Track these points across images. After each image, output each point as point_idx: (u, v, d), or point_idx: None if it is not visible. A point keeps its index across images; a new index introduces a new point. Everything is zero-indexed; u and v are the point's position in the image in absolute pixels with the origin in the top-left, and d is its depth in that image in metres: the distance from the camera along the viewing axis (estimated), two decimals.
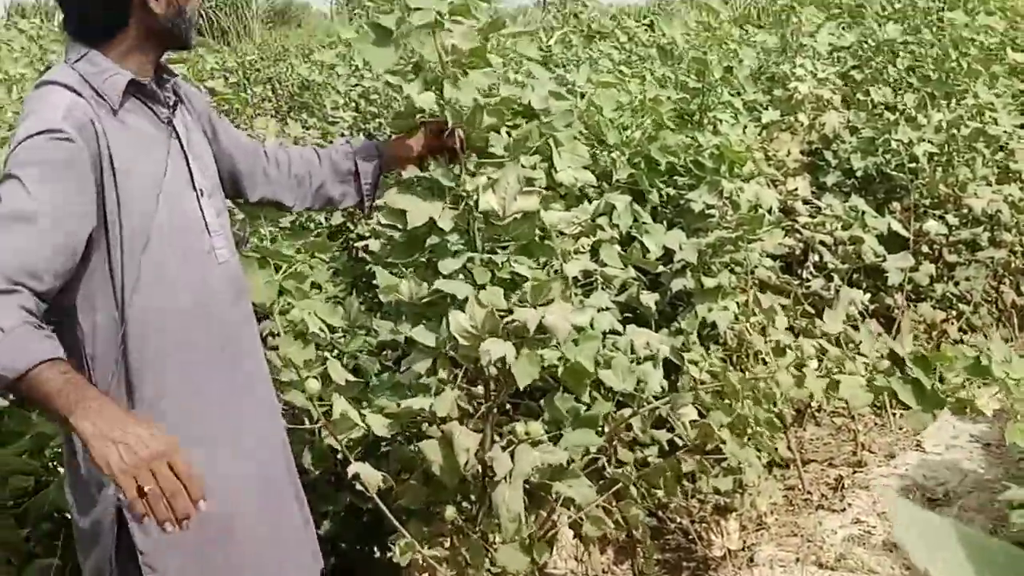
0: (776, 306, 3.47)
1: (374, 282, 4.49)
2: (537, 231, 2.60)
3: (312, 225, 5.59)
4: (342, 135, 6.18)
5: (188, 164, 2.10)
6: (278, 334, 3.08)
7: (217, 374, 2.10)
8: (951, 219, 4.67)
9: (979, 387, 2.82)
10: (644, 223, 3.50)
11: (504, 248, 2.57)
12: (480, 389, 2.83)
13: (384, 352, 3.57)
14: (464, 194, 2.49)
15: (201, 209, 2.10)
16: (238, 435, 2.15)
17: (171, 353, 2.01)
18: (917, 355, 2.78)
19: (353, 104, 6.58)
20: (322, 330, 3.13)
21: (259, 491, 2.19)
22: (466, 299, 2.43)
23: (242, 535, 2.13)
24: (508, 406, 3.16)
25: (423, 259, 2.60)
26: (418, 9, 2.37)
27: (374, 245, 4.96)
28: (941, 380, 2.80)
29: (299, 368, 2.67)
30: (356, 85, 6.71)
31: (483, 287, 2.46)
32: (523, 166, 2.58)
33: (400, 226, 2.50)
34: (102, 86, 1.95)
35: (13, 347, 1.64)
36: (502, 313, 2.40)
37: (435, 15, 2.37)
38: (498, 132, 2.59)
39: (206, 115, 2.32)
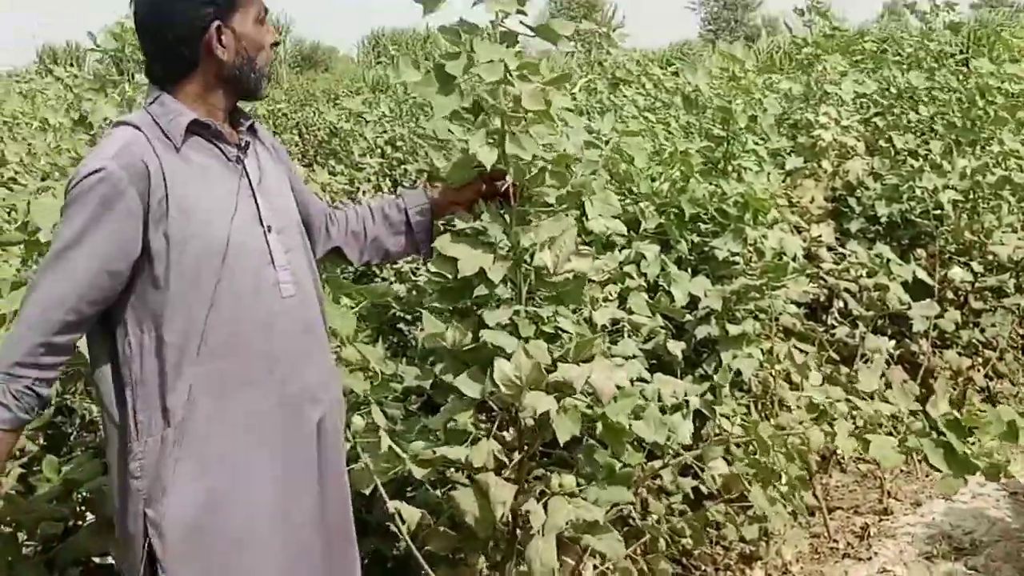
0: (809, 362, 3.48)
1: (399, 327, 4.53)
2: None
3: (339, 270, 5.66)
4: (368, 180, 6.28)
5: (256, 201, 2.19)
6: None
7: (259, 399, 2.15)
8: (976, 266, 4.68)
9: (1013, 451, 2.82)
10: (670, 271, 3.52)
11: (546, 299, 2.59)
12: (509, 433, 2.84)
13: (409, 398, 3.60)
14: (515, 247, 2.51)
15: (268, 244, 2.18)
16: (270, 459, 2.18)
17: (214, 373, 2.09)
18: (950, 418, 2.77)
19: (379, 150, 6.68)
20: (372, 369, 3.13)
21: (284, 518, 2.21)
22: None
23: (259, 555, 2.16)
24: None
25: (468, 306, 2.62)
26: (488, 62, 2.39)
27: (400, 290, 5.02)
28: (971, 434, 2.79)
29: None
30: (383, 132, 6.82)
31: (527, 340, 2.48)
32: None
33: (449, 274, 2.52)
34: (168, 126, 2.09)
35: None
36: (546, 367, 2.43)
37: (504, 72, 2.40)
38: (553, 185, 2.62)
39: (286, 163, 2.43)
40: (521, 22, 2.49)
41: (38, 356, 2.00)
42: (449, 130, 2.61)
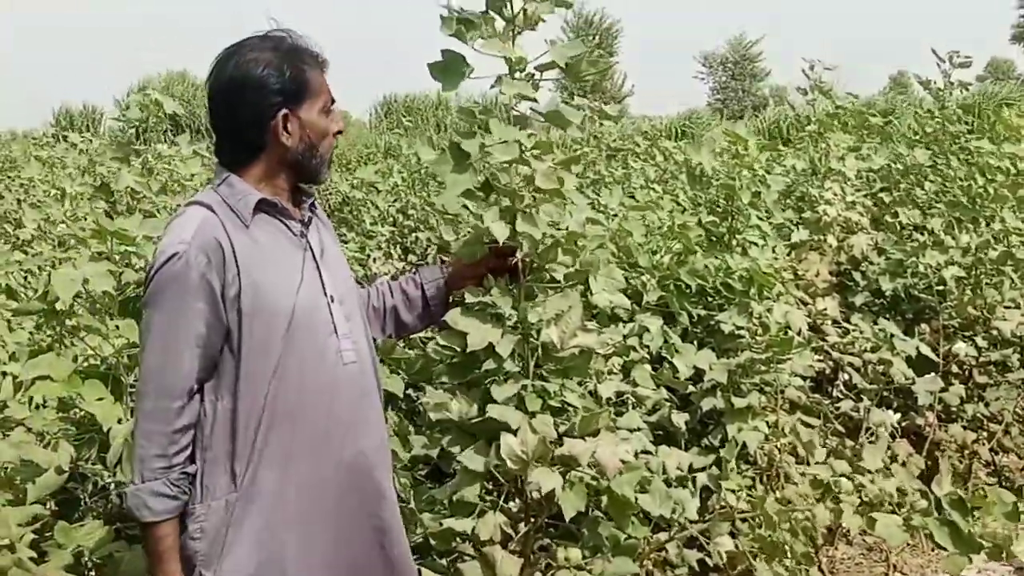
0: (814, 438, 3.51)
1: (407, 392, 4.57)
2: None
3: None
4: (379, 248, 6.37)
5: (320, 273, 2.30)
6: None
7: (320, 465, 2.25)
8: (980, 341, 4.71)
9: (1017, 531, 2.84)
10: (674, 344, 3.58)
11: (552, 373, 2.64)
12: (516, 504, 2.87)
13: (417, 467, 3.62)
14: (523, 322, 2.57)
15: (331, 314, 2.29)
16: (326, 522, 2.26)
17: (278, 440, 2.19)
18: (954, 497, 2.80)
19: (391, 219, 6.79)
20: None
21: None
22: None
23: None
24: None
25: (475, 379, 2.67)
26: (503, 142, 2.48)
27: (409, 354, 5.06)
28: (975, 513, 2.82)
29: None
30: (395, 200, 6.93)
31: (534, 414, 2.53)
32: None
33: (459, 347, 2.58)
34: (236, 205, 2.21)
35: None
36: (552, 441, 2.48)
37: (519, 151, 2.49)
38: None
39: (335, 236, 2.55)
40: (532, 108, 2.58)
41: (174, 442, 2.13)
42: (464, 206, 2.68)
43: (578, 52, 2.52)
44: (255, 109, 2.22)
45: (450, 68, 2.49)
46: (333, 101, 2.34)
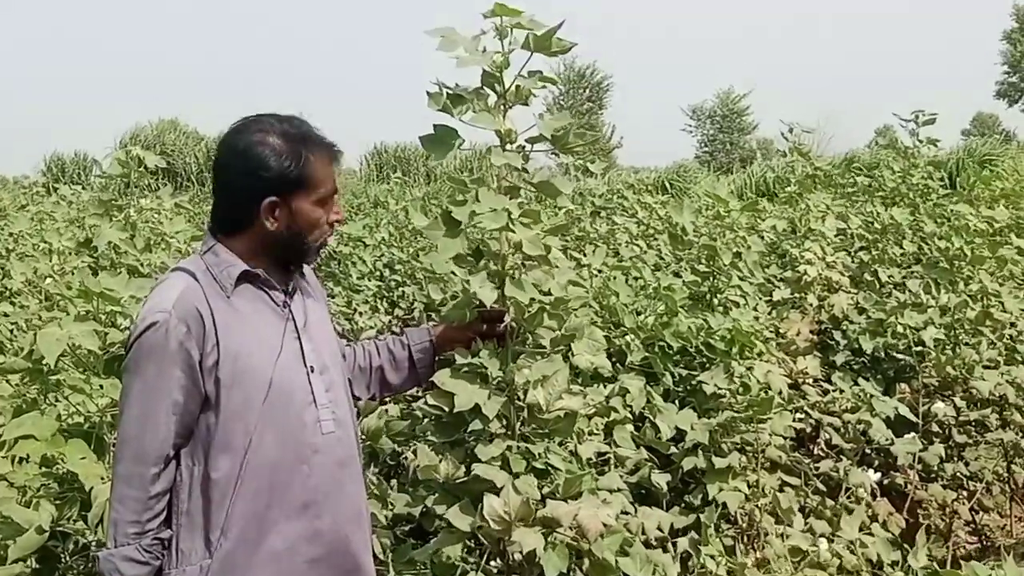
0: (794, 504, 3.54)
1: (395, 448, 4.57)
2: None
3: None
4: (366, 302, 6.41)
5: (300, 343, 2.33)
6: None
7: (295, 532, 2.26)
8: (959, 401, 4.75)
9: None
10: (656, 404, 3.61)
11: (536, 434, 2.68)
12: (497, 564, 2.88)
13: (397, 525, 3.63)
14: (510, 384, 2.61)
15: (311, 384, 2.31)
16: None
17: (253, 508, 2.20)
18: (929, 572, 2.84)
19: (378, 273, 6.84)
20: None
21: None
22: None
23: None
24: None
25: (461, 438, 2.71)
26: (492, 211, 2.55)
27: (393, 410, 5.07)
28: None
29: None
30: (382, 255, 7.00)
31: (518, 475, 2.57)
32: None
33: (446, 407, 2.63)
34: (220, 275, 2.25)
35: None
36: (535, 503, 2.51)
37: (507, 219, 2.56)
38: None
39: (325, 299, 2.60)
40: (524, 179, 2.65)
41: (149, 508, 2.16)
42: (453, 272, 2.74)
43: (564, 124, 2.59)
44: (248, 188, 2.27)
45: (440, 140, 2.57)
46: (335, 192, 2.37)
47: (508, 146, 2.61)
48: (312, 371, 2.32)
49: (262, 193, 2.26)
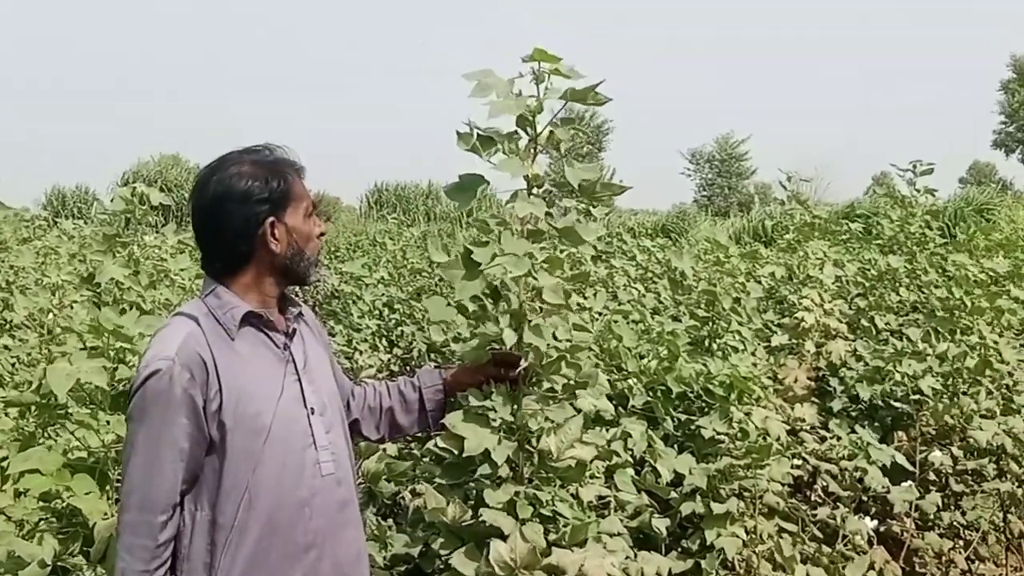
0: (796, 553, 3.56)
1: (392, 488, 4.57)
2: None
3: None
4: (365, 341, 6.46)
5: (301, 385, 2.34)
6: None
7: (293, 573, 2.26)
8: (956, 450, 4.77)
9: None
10: (657, 448, 3.63)
11: (544, 480, 2.69)
12: None
13: (395, 566, 3.63)
14: (520, 428, 2.64)
15: (311, 426, 2.32)
16: None
17: (256, 552, 2.21)
18: None
19: (378, 312, 6.89)
20: None
21: None
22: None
23: None
24: None
25: (468, 482, 2.72)
26: (515, 256, 2.57)
27: (391, 450, 5.08)
28: None
29: None
30: (382, 294, 7.05)
31: (524, 521, 2.59)
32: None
33: (456, 450, 2.64)
34: (223, 317, 2.27)
35: None
36: (541, 551, 2.52)
37: (529, 266, 2.58)
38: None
39: (326, 340, 2.60)
40: (549, 224, 2.67)
41: (156, 556, 2.16)
42: (463, 313, 2.77)
43: (593, 175, 2.63)
44: (242, 220, 2.29)
45: (466, 189, 2.60)
46: (315, 205, 2.42)
47: (535, 190, 2.63)
48: (313, 412, 2.34)
49: (258, 219, 2.29)
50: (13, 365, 4.90)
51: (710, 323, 4.20)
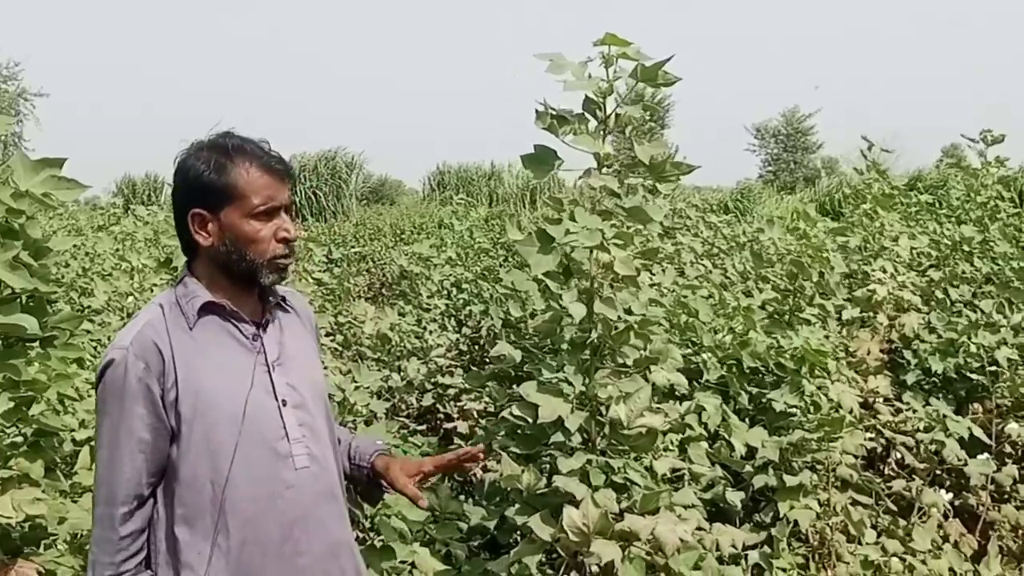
0: (865, 518, 3.55)
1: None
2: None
3: (403, 406, 5.85)
4: (434, 320, 6.54)
5: (271, 377, 2.26)
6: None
7: (272, 570, 2.22)
8: None
9: None
10: (731, 421, 3.65)
11: (616, 449, 2.75)
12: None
13: (473, 538, 3.69)
14: (592, 399, 2.69)
15: (282, 418, 2.25)
16: None
17: (228, 547, 2.17)
18: None
19: (446, 292, 6.97)
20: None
21: None
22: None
23: None
24: None
25: (540, 451, 2.79)
26: (587, 229, 2.64)
27: (462, 427, 5.17)
28: None
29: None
30: (449, 275, 7.13)
31: (597, 488, 2.64)
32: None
33: (530, 418, 2.70)
34: (185, 307, 2.21)
35: None
36: (613, 516, 2.58)
37: (601, 239, 2.65)
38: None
39: (313, 331, 2.52)
40: (616, 204, 2.73)
41: (122, 549, 2.13)
42: (540, 288, 2.83)
43: (661, 152, 2.67)
44: (179, 207, 2.25)
45: (541, 160, 2.65)
46: (279, 208, 2.24)
47: (605, 169, 2.69)
48: (284, 404, 2.26)
49: (186, 209, 2.22)
50: (96, 348, 5.04)
51: (793, 296, 4.18)
